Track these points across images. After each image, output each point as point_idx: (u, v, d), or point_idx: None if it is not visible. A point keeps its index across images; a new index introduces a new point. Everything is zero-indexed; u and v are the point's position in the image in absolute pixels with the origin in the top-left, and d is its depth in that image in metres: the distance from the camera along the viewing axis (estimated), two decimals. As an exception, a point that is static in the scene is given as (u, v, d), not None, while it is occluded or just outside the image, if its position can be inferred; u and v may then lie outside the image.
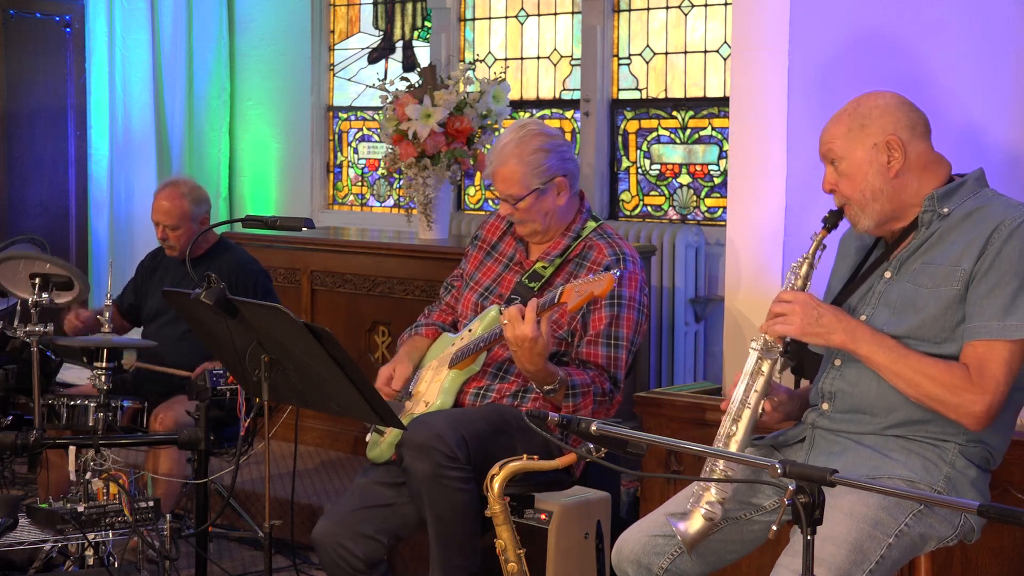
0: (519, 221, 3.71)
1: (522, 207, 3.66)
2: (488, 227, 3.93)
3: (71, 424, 4.42)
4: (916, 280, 2.82)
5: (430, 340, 3.83)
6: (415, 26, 7.25)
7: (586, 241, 3.69)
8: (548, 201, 3.67)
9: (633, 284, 3.62)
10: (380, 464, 3.66)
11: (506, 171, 3.66)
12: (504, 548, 3.14)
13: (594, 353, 3.58)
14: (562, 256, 3.69)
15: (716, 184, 6.03)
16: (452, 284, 3.95)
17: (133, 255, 7.04)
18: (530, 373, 3.41)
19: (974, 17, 3.44)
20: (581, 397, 3.49)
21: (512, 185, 3.65)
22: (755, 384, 2.84)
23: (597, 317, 3.59)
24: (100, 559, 3.83)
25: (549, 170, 3.66)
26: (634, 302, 3.62)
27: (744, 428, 2.82)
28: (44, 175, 7.51)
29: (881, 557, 2.69)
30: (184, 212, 4.91)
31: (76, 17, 7.49)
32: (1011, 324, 2.71)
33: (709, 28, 6.06)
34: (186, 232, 4.91)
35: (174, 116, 7.50)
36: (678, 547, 2.90)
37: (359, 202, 7.53)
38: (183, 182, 5.06)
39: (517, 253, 3.80)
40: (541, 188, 3.65)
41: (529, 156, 3.65)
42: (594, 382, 3.52)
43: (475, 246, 3.92)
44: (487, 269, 3.84)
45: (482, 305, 3.74)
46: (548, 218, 3.69)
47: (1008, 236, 2.73)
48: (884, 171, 2.84)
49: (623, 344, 3.58)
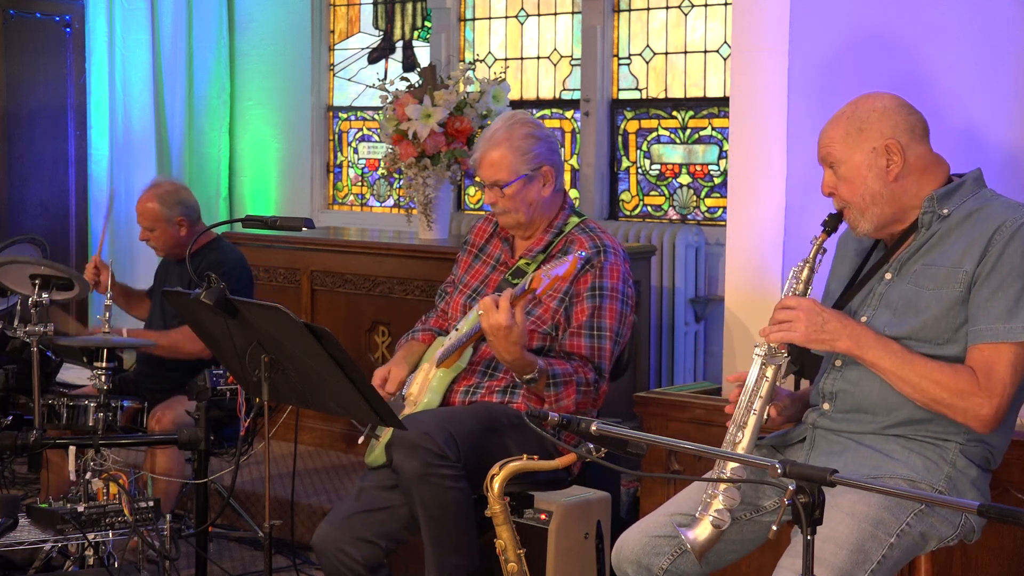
0: (503, 211, 3.72)
1: (509, 193, 3.67)
2: (476, 231, 3.96)
3: (71, 424, 4.42)
4: (917, 281, 2.82)
5: (426, 345, 3.86)
6: (415, 26, 7.25)
7: (568, 236, 3.72)
8: (534, 190, 3.69)
9: (615, 275, 3.64)
10: (377, 468, 3.67)
11: (496, 155, 3.68)
12: (504, 548, 3.14)
13: (577, 344, 3.60)
14: (544, 252, 3.71)
15: (716, 184, 6.03)
16: (446, 290, 3.97)
17: (133, 255, 7.05)
18: (508, 362, 3.44)
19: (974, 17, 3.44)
20: (563, 387, 3.50)
21: (500, 170, 3.67)
22: (760, 390, 2.84)
23: (579, 309, 3.61)
24: (100, 559, 3.83)
25: (537, 158, 3.69)
26: (616, 292, 3.63)
27: (750, 435, 2.82)
28: (44, 175, 7.50)
29: (883, 557, 2.69)
30: (156, 214, 4.90)
31: (76, 17, 7.49)
32: (1016, 326, 2.70)
33: (709, 28, 6.06)
34: (162, 233, 4.91)
35: (174, 116, 7.50)
36: (678, 548, 2.90)
37: (359, 202, 7.53)
38: (162, 184, 5.04)
39: (503, 254, 3.82)
40: (529, 174, 3.67)
41: (519, 142, 3.68)
42: (576, 372, 3.54)
43: (464, 250, 3.96)
44: (475, 271, 3.87)
45: (470, 306, 3.77)
46: (532, 209, 3.70)
47: (1010, 238, 2.73)
48: (883, 175, 2.84)
49: (606, 334, 3.60)
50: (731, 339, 3.89)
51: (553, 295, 3.61)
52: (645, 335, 5.66)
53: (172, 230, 4.91)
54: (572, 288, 3.62)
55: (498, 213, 3.75)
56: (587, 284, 3.62)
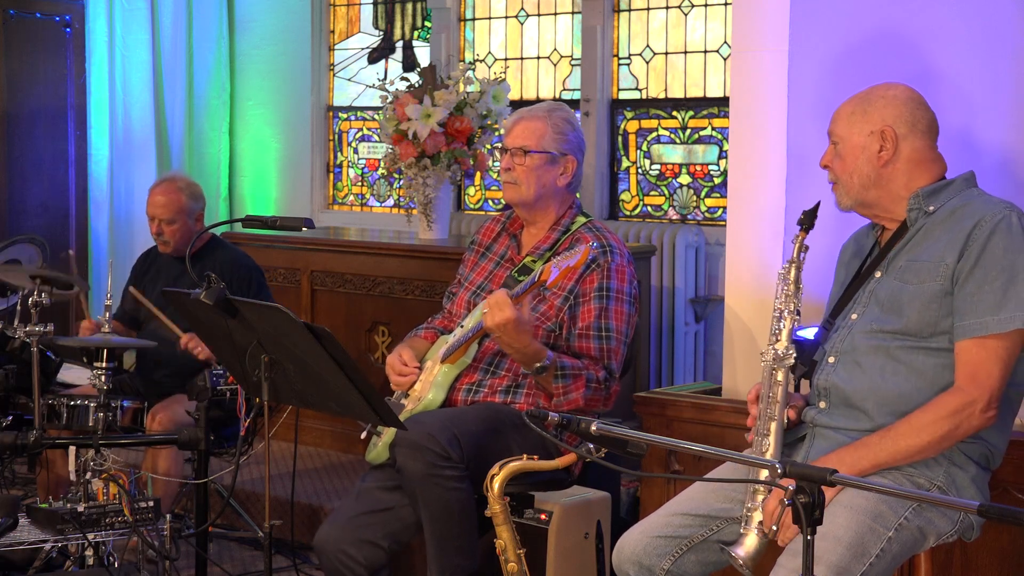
0: (514, 180, 3.72)
1: (530, 163, 3.69)
2: (484, 231, 3.97)
3: (71, 424, 4.42)
4: (902, 277, 2.87)
5: (429, 343, 3.85)
6: (415, 26, 7.25)
7: (575, 235, 3.73)
8: (552, 173, 3.71)
9: (622, 276, 3.65)
10: (379, 468, 3.67)
11: (532, 124, 3.72)
12: (504, 548, 3.14)
13: (587, 346, 3.60)
14: (551, 250, 3.71)
15: (716, 184, 6.03)
16: (452, 292, 3.96)
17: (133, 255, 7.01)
18: (517, 352, 3.46)
19: (974, 17, 3.44)
20: (572, 379, 3.51)
21: (530, 137, 3.70)
22: (775, 395, 2.85)
23: (586, 310, 3.61)
24: (100, 559, 3.83)
25: (568, 143, 3.73)
26: (623, 295, 3.64)
27: (775, 441, 2.85)
28: (44, 175, 7.50)
29: (881, 551, 2.70)
30: (181, 206, 4.91)
31: (76, 17, 7.48)
32: (1004, 317, 2.75)
33: (709, 28, 6.06)
34: (181, 227, 4.91)
35: (174, 116, 7.50)
36: (680, 548, 2.91)
37: (359, 202, 7.53)
38: (180, 177, 5.08)
39: (509, 250, 3.83)
40: (555, 155, 3.70)
41: (558, 123, 3.73)
42: (587, 368, 3.55)
43: (471, 250, 3.96)
44: (481, 269, 3.87)
45: (474, 303, 3.77)
46: (543, 191, 3.71)
47: (990, 232, 2.77)
48: (874, 159, 2.91)
49: (614, 336, 3.61)
50: (731, 339, 3.89)
51: (558, 292, 3.61)
52: (645, 335, 5.66)
53: (191, 224, 4.92)
54: (577, 288, 3.63)
55: (507, 182, 3.74)
56: (593, 284, 3.62)
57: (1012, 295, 2.75)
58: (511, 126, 3.78)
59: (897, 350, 2.84)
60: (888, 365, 2.84)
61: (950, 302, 2.79)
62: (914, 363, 2.83)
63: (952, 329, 2.79)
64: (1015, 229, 2.78)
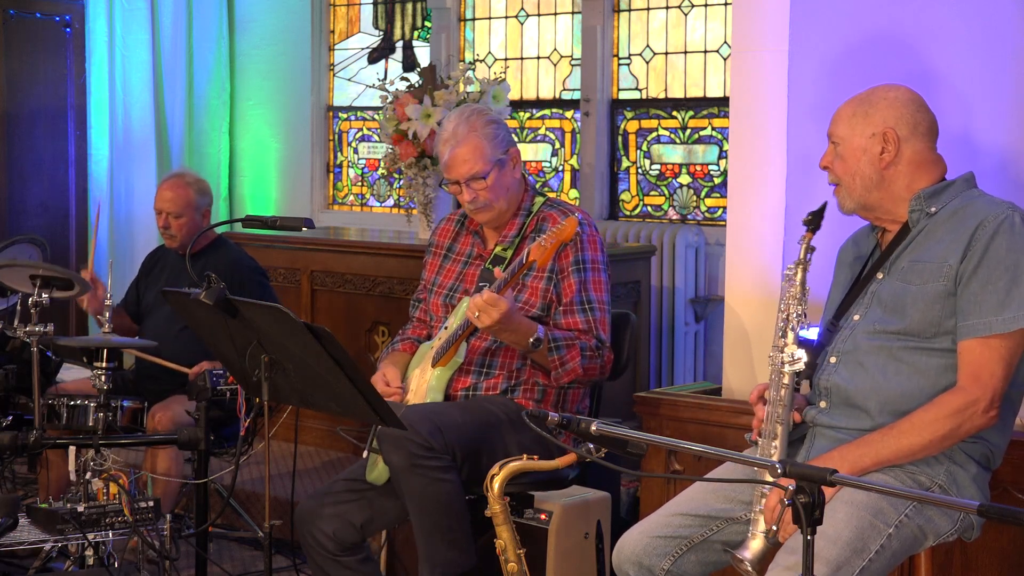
0: (484, 204, 3.68)
1: (490, 183, 3.65)
2: (439, 232, 3.93)
3: (71, 424, 4.42)
4: (905, 278, 2.87)
5: (408, 354, 3.84)
6: (415, 26, 7.25)
7: (538, 215, 3.73)
8: (508, 175, 3.70)
9: (594, 246, 3.68)
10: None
11: (467, 149, 3.64)
12: (504, 548, 3.14)
13: (573, 321, 3.62)
14: (519, 234, 3.71)
15: (716, 184, 6.03)
16: (418, 299, 3.93)
17: (133, 255, 7.04)
18: (512, 340, 3.49)
19: (974, 17, 3.44)
20: (566, 350, 3.52)
21: (476, 162, 3.64)
22: (782, 398, 2.85)
23: (567, 285, 3.64)
24: (100, 559, 3.83)
25: (503, 140, 3.70)
26: (598, 264, 3.67)
27: (781, 444, 2.85)
28: (44, 175, 7.50)
29: (881, 547, 2.70)
30: (189, 201, 4.93)
31: (76, 17, 7.48)
32: (1008, 317, 2.75)
33: (709, 28, 6.06)
34: (189, 222, 4.92)
35: (174, 116, 7.50)
36: (680, 548, 2.90)
37: (359, 202, 7.53)
38: (188, 173, 5.12)
39: (475, 248, 3.81)
40: (502, 159, 3.68)
41: (484, 130, 3.67)
42: (578, 338, 3.57)
43: (430, 252, 3.92)
44: (447, 271, 3.84)
45: (451, 305, 3.75)
46: (509, 194, 3.71)
47: (993, 233, 2.77)
48: (875, 161, 2.91)
49: (597, 306, 3.63)
50: (731, 339, 3.89)
51: (540, 274, 3.62)
52: (645, 335, 5.66)
53: (198, 220, 4.94)
54: (556, 265, 3.63)
55: (477, 209, 3.69)
56: (570, 259, 3.64)
57: (1016, 295, 2.75)
58: (448, 160, 3.67)
59: (900, 350, 2.84)
60: (891, 365, 2.84)
61: (953, 303, 2.79)
62: (917, 363, 2.83)
63: (955, 329, 2.80)
64: (1018, 229, 2.78)
